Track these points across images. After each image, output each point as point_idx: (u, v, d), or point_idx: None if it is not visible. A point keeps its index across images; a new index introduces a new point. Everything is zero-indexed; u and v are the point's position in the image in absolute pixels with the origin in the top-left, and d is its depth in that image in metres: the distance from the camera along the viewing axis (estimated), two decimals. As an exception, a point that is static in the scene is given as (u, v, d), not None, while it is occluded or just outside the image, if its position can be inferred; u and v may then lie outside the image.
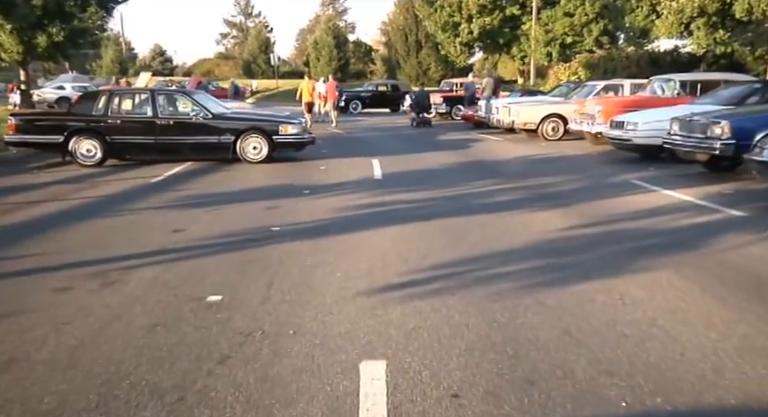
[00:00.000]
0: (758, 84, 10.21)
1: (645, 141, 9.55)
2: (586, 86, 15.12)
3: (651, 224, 5.56)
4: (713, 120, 7.65)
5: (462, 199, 7.26)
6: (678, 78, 12.00)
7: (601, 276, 4.05)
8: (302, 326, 3.39)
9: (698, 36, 17.46)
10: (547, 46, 30.05)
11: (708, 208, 6.05)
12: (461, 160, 11.13)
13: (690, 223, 5.50)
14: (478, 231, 5.60)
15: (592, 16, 28.55)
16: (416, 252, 4.90)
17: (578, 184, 8.08)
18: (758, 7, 16.01)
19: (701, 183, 7.53)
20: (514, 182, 8.33)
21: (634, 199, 6.90)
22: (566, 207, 6.57)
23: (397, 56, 49.89)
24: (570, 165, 10.10)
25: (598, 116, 11.84)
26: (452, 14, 34.04)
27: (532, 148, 12.69)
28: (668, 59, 20.54)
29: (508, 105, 14.85)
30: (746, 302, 3.41)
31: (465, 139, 15.19)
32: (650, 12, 19.27)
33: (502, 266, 4.44)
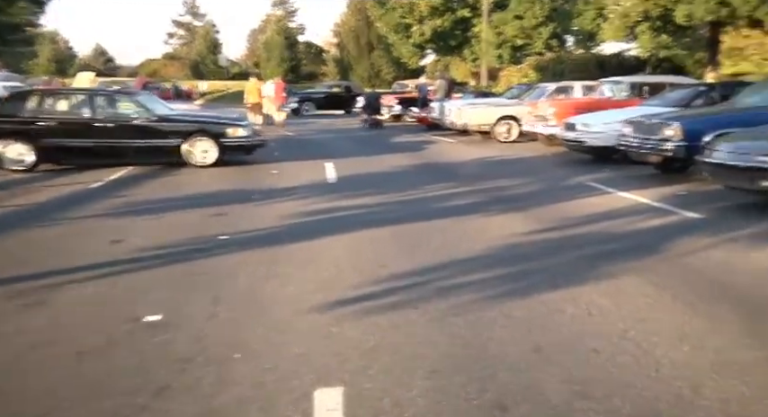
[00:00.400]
0: (702, 86, 10.41)
1: (598, 143, 9.58)
2: (538, 88, 15.22)
3: (610, 227, 5.48)
4: (664, 122, 7.69)
5: (419, 203, 7.06)
6: (627, 81, 12.17)
7: (566, 284, 3.89)
8: (251, 348, 3.10)
9: (642, 40, 17.87)
10: (498, 48, 30.32)
11: (664, 211, 6.03)
12: (416, 162, 10.95)
13: (648, 226, 5.44)
14: (437, 237, 5.40)
15: (541, 19, 28.97)
16: (373, 262, 4.65)
17: (535, 187, 8.01)
18: (697, 13, 16.48)
19: (654, 185, 7.55)
20: (471, 185, 8.19)
21: (591, 201, 6.84)
22: (524, 210, 6.45)
23: (349, 57, 49.62)
24: (525, 167, 10.05)
25: (551, 118, 11.88)
26: (404, 16, 33.98)
27: (487, 150, 12.64)
28: (614, 62, 20.99)
29: (462, 107, 14.78)
30: (715, 310, 3.30)
31: (419, 141, 15.05)
32: (597, 16, 19.65)
33: (464, 275, 4.23)
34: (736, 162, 5.60)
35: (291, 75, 51.74)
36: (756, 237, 4.79)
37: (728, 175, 5.79)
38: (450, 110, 15.31)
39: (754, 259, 4.22)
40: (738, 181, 5.65)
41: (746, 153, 5.53)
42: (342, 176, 9.30)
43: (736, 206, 6.02)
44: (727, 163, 5.72)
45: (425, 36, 34.14)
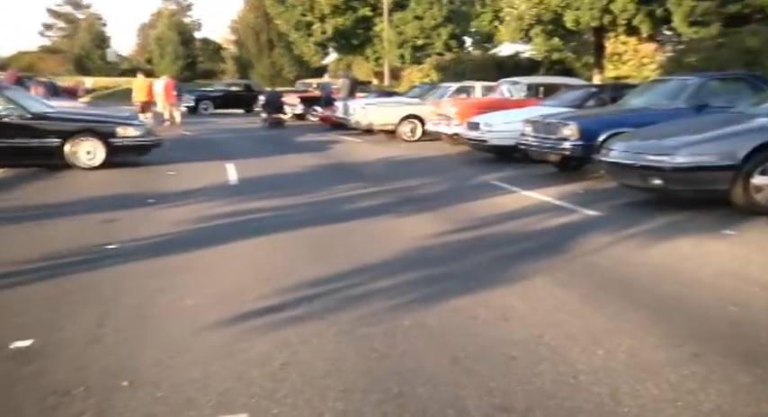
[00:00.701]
0: (594, 88, 10.92)
1: (500, 142, 9.77)
2: (440, 88, 15.41)
3: (518, 226, 5.52)
4: (562, 122, 7.93)
5: (326, 205, 6.83)
6: (524, 81, 12.56)
7: (479, 287, 3.82)
8: (141, 374, 2.75)
9: (536, 42, 18.61)
10: (399, 48, 30.60)
11: (566, 209, 6.18)
12: (322, 162, 10.70)
13: (553, 224, 5.53)
14: (346, 241, 5.20)
15: (440, 20, 29.54)
16: (279, 269, 4.38)
17: (442, 186, 8.01)
18: (584, 19, 17.37)
19: (554, 183, 7.76)
20: (379, 185, 8.06)
21: (497, 200, 6.91)
22: (433, 210, 6.39)
23: (248, 55, 48.29)
24: (431, 167, 10.08)
25: (454, 117, 12.02)
26: (304, 14, 33.48)
27: (392, 150, 12.60)
28: (511, 63, 21.76)
29: (366, 106, 14.69)
30: (623, 310, 3.33)
31: (324, 141, 14.80)
32: (494, 18, 20.28)
33: (374, 281, 4.06)
34: (629, 161, 5.82)
35: (188, 72, 49.61)
36: (652, 234, 4.98)
37: (623, 174, 6.02)
38: (355, 109, 15.17)
39: (651, 255, 4.36)
40: (632, 179, 5.89)
41: (639, 152, 5.76)
42: (244, 178, 8.89)
43: (631, 203, 6.28)
44: (622, 161, 5.94)
45: (327, 34, 33.85)
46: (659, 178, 5.48)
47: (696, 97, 7.59)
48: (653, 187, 5.60)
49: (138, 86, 17.98)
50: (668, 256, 4.29)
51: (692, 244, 4.54)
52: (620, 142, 6.27)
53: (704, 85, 7.72)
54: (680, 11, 16.01)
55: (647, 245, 4.59)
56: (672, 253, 4.34)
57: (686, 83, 7.91)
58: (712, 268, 3.96)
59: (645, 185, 5.69)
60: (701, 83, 7.75)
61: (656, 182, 5.51)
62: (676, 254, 4.32)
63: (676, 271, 3.95)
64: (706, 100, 7.52)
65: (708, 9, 15.94)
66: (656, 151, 5.56)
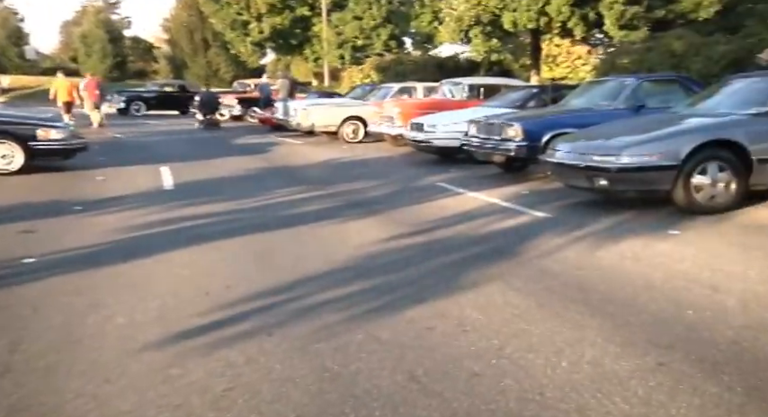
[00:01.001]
0: (535, 88, 11.03)
1: (444, 143, 9.72)
2: (382, 88, 15.29)
3: (467, 230, 5.41)
4: (506, 123, 7.92)
5: (268, 211, 6.54)
6: (466, 82, 12.58)
7: (433, 296, 3.66)
8: (61, 409, 2.44)
9: (475, 43, 18.78)
10: (339, 48, 30.35)
11: (514, 211, 6.13)
12: (262, 165, 10.37)
13: (502, 227, 5.45)
14: (291, 248, 4.95)
15: (379, 20, 29.48)
16: (220, 281, 4.09)
17: (388, 189, 7.84)
18: (521, 20, 17.66)
19: (500, 184, 7.74)
20: (322, 189, 7.82)
21: (444, 202, 6.80)
22: (380, 214, 6.21)
23: (182, 54, 46.81)
24: (375, 168, 9.91)
25: (397, 118, 11.91)
26: (240, 13, 32.68)
27: (335, 151, 12.37)
28: (451, 64, 21.90)
29: (307, 107, 14.39)
30: (581, 317, 3.24)
31: (264, 143, 14.41)
32: (433, 18, 20.34)
33: (323, 291, 3.84)
34: (575, 161, 5.83)
35: (117, 72, 47.63)
36: (600, 235, 4.97)
37: (569, 174, 6.03)
38: (296, 110, 14.85)
39: (602, 258, 4.32)
40: (578, 180, 5.89)
41: (585, 153, 5.77)
42: (180, 182, 8.47)
43: (577, 204, 6.30)
44: (568, 162, 5.94)
45: (264, 34, 33.20)
46: (605, 179, 5.50)
47: (634, 98, 7.74)
48: (599, 188, 5.61)
49: (60, 86, 17.02)
50: (619, 258, 4.27)
51: (640, 246, 4.54)
52: (565, 143, 6.28)
53: (641, 86, 7.88)
54: (611, 14, 16.50)
55: (597, 247, 4.56)
56: (622, 255, 4.32)
57: (624, 83, 8.06)
58: (663, 270, 3.95)
59: (591, 186, 5.70)
60: (638, 84, 7.91)
61: (602, 183, 5.53)
62: (626, 256, 4.30)
63: (628, 274, 3.92)
64: (643, 100, 7.68)
65: (636, 13, 16.51)
66: (601, 152, 5.57)
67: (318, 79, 37.09)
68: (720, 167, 5.34)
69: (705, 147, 5.28)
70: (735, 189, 5.38)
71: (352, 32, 30.05)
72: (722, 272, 3.80)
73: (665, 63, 13.62)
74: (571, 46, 35.45)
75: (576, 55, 35.17)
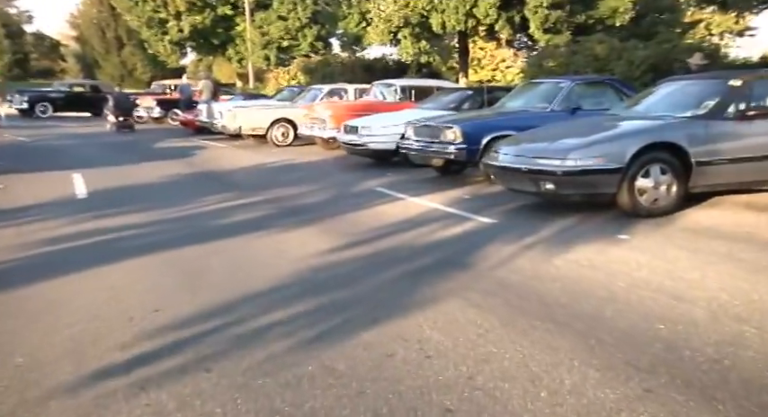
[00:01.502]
0: (470, 90, 10.97)
1: (379, 146, 9.44)
2: (311, 90, 14.85)
3: (414, 238, 5.13)
4: (445, 125, 7.74)
5: (196, 221, 6.03)
6: (398, 84, 12.38)
7: (388, 316, 3.35)
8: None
9: (405, 45, 18.68)
10: (264, 49, 29.53)
11: (459, 216, 5.91)
12: (187, 171, 9.73)
13: (449, 235, 5.21)
14: (224, 263, 4.50)
15: (305, 21, 28.90)
16: (144, 305, 3.62)
17: (324, 195, 7.47)
18: (449, 23, 17.71)
19: (439, 188, 7.54)
20: (254, 196, 7.35)
21: (385, 209, 6.51)
22: (318, 223, 5.84)
23: (93, 53, 44.31)
24: (308, 173, 9.51)
25: (329, 121, 11.54)
26: (157, 10, 31.18)
27: (264, 155, 11.85)
28: (379, 66, 21.72)
29: (234, 109, 13.76)
30: (551, 336, 3.02)
31: (187, 147, 13.66)
32: (361, 19, 20.09)
33: (265, 314, 3.45)
34: (520, 165, 5.68)
35: (18, 70, 44.52)
36: (551, 241, 4.82)
37: (514, 178, 5.87)
38: (221, 112, 14.19)
39: (558, 267, 4.16)
40: (523, 183, 5.75)
41: (530, 156, 5.63)
42: (95, 190, 7.79)
43: (521, 208, 6.16)
44: (512, 166, 5.79)
45: (184, 33, 31.85)
46: (551, 182, 5.37)
47: (569, 100, 7.75)
48: (545, 192, 5.48)
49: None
50: (575, 266, 4.11)
51: (594, 252, 4.41)
52: (508, 146, 6.14)
53: (575, 88, 7.90)
54: (536, 18, 16.83)
55: (551, 255, 4.40)
56: (578, 263, 4.17)
57: (559, 86, 8.06)
58: (622, 279, 3.81)
59: (537, 190, 5.57)
60: (573, 86, 7.93)
61: (549, 187, 5.40)
62: (582, 264, 4.15)
63: (588, 284, 3.75)
64: (578, 102, 7.70)
65: (559, 17, 16.91)
66: (547, 155, 5.44)
67: (243, 80, 36.04)
68: (662, 170, 5.34)
69: (647, 150, 5.26)
70: (675, 191, 5.39)
71: (278, 33, 29.31)
72: (682, 281, 3.70)
73: (589, 66, 13.99)
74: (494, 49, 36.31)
75: (499, 58, 36.01)
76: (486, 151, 7.47)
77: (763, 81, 5.84)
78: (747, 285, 3.56)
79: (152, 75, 39.96)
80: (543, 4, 16.36)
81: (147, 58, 40.28)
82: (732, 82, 5.72)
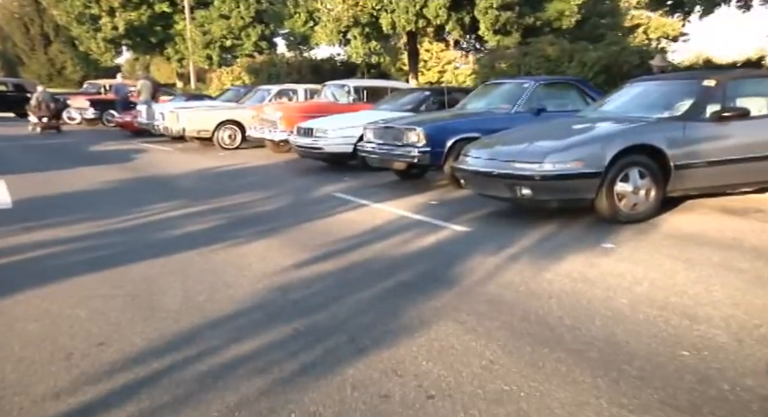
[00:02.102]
0: (428, 91, 10.66)
1: (336, 149, 9.01)
2: (259, 91, 14.23)
3: (386, 250, 4.74)
4: (408, 127, 7.38)
5: (142, 233, 5.45)
6: (351, 84, 11.95)
7: (375, 345, 2.94)
8: None
9: (355, 45, 18.27)
10: (206, 48, 28.46)
11: (430, 225, 5.56)
12: (127, 176, 9.02)
13: (425, 246, 4.84)
14: (178, 284, 3.99)
15: (248, 20, 28.02)
16: (85, 338, 3.09)
17: (281, 201, 6.97)
18: (399, 22, 17.44)
19: (403, 194, 7.17)
20: (205, 203, 6.78)
21: (350, 217, 6.08)
22: (279, 233, 5.36)
23: (16, 50, 41.79)
24: (261, 178, 8.97)
25: (279, 122, 11.01)
26: (89, 5, 29.55)
27: (211, 159, 11.20)
28: (328, 67, 21.25)
29: (178, 110, 13.00)
30: (565, 367, 2.67)
31: (126, 150, 12.84)
32: (308, 18, 19.53)
33: (232, 346, 2.98)
34: (494, 169, 5.37)
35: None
36: (534, 252, 4.52)
37: (487, 183, 5.56)
38: (163, 113, 13.42)
39: (550, 281, 3.85)
40: (498, 189, 5.45)
41: (505, 160, 5.34)
42: (22, 199, 7.05)
43: (493, 215, 5.87)
44: (485, 170, 5.48)
45: (119, 30, 30.37)
46: (528, 187, 5.09)
47: (533, 101, 7.54)
48: (521, 197, 5.20)
49: None
50: (569, 281, 3.81)
51: (583, 264, 4.13)
52: (479, 149, 5.83)
53: (539, 89, 7.70)
54: (486, 19, 16.77)
55: (539, 268, 4.09)
56: (570, 277, 3.87)
57: (522, 86, 7.84)
58: (622, 294, 3.53)
59: (513, 196, 5.27)
60: (536, 86, 7.73)
61: (525, 192, 5.12)
62: (575, 278, 3.86)
63: (588, 301, 3.45)
64: (542, 104, 7.50)
65: (509, 18, 16.91)
66: (524, 158, 5.16)
67: (183, 81, 34.74)
68: (641, 173, 5.15)
69: (626, 153, 5.05)
70: (654, 196, 5.21)
71: (220, 32, 28.31)
72: (687, 296, 3.44)
73: (540, 67, 13.96)
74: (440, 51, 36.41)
75: (445, 60, 36.12)
76: (450, 154, 7.20)
77: (735, 81, 5.75)
78: (759, 300, 3.33)
79: (84, 74, 38.01)
80: (493, 5, 16.31)
81: (78, 57, 38.31)
82: (706, 82, 5.55)
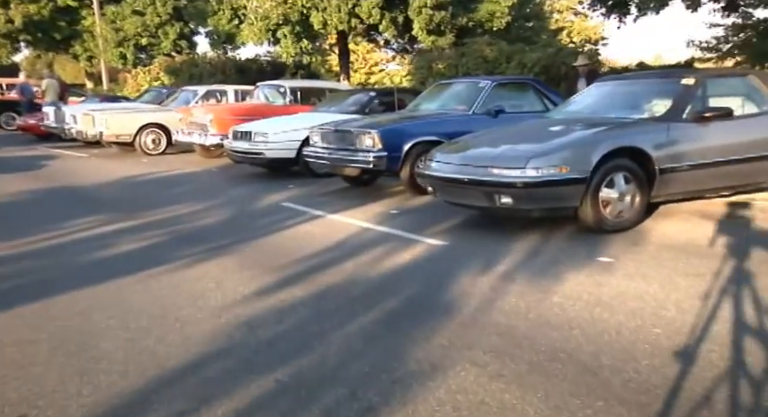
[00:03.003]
0: (373, 92, 10.14)
1: (278, 154, 8.30)
2: (184, 92, 13.20)
3: (360, 271, 4.16)
4: (361, 130, 6.82)
5: (64, 256, 4.60)
6: (287, 85, 11.23)
7: (382, 403, 2.36)
8: None
9: (285, 45, 17.47)
10: (119, 46, 26.60)
11: (399, 238, 5.03)
12: (39, 187, 7.95)
13: (401, 264, 4.30)
14: (115, 322, 3.25)
15: (166, 17, 26.43)
16: (2, 406, 2.34)
17: (224, 214, 6.23)
18: (332, 22, 16.86)
19: (358, 202, 6.61)
20: (135, 217, 5.95)
21: (306, 230, 5.45)
22: (232, 252, 4.67)
23: None
24: (196, 187, 8.15)
25: (211, 126, 10.15)
26: (-23, -6, 26.96)
27: (135, 166, 10.19)
28: (254, 67, 20.28)
29: (92, 112, 11.80)
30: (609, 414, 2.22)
31: (33, 156, 11.56)
32: (233, 16, 18.51)
33: (200, 408, 2.33)
34: (469, 175, 4.92)
35: None
36: (529, 270, 4.08)
37: (460, 191, 5.09)
38: (76, 116, 12.18)
39: (563, 308, 3.40)
40: (474, 197, 4.98)
41: (480, 165, 4.88)
42: None
43: (467, 225, 5.42)
44: (458, 176, 5.01)
45: (15, 24, 27.90)
46: (508, 196, 4.66)
47: (491, 102, 7.17)
48: (501, 207, 4.76)
49: None
50: (583, 306, 3.37)
51: (588, 283, 3.72)
52: (447, 153, 5.36)
53: (496, 89, 7.34)
54: (420, 19, 16.47)
55: (541, 289, 3.65)
56: (582, 300, 3.44)
57: (478, 86, 7.45)
58: (653, 321, 3.12)
59: (490, 204, 4.82)
60: (493, 86, 7.35)
61: (506, 201, 4.68)
62: (589, 301, 3.43)
63: (615, 332, 3.01)
64: (501, 104, 7.15)
65: (443, 18, 16.70)
66: (502, 163, 4.72)
67: (93, 81, 32.48)
68: (626, 178, 4.84)
69: (610, 157, 4.73)
70: (639, 202, 4.92)
71: (134, 29, 26.54)
72: (727, 323, 3.06)
73: (479, 68, 13.78)
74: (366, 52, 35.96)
75: (372, 61, 35.70)
76: (407, 159, 6.72)
77: (713, 80, 5.56)
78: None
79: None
80: (427, 5, 16.02)
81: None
82: (685, 81, 5.33)
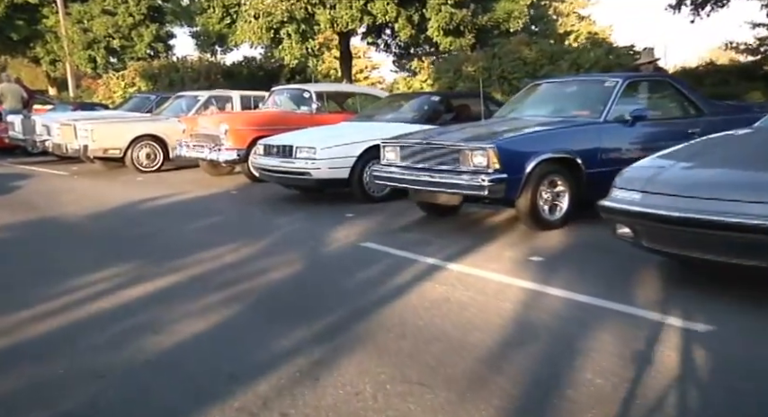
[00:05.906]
0: (434, 95, 8.39)
1: (330, 174, 6.50)
2: (181, 98, 11.19)
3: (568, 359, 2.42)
4: (471, 146, 5.01)
5: (73, 358, 2.71)
6: (313, 89, 9.41)
7: None
8: None
9: (288, 45, 15.58)
10: (88, 49, 24.19)
11: (601, 310, 3.28)
12: (15, 220, 5.99)
13: (672, 375, 2.58)
14: None
15: (140, 18, 24.18)
16: None
17: (296, 265, 4.34)
18: (342, 20, 15.14)
19: (468, 243, 4.85)
20: (170, 270, 4.06)
21: (442, 294, 3.61)
22: (365, 346, 2.85)
23: None
24: (227, 219, 6.28)
25: (225, 138, 8.30)
26: None
27: (132, 187, 8.23)
28: (244, 72, 18.34)
29: (74, 122, 9.77)
30: None
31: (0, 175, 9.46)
32: (224, 14, 16.56)
33: None
34: (710, 216, 3.22)
35: None
36: None
37: (699, 239, 3.35)
38: (50, 127, 10.16)
39: None
40: (721, 250, 3.26)
41: (724, 197, 3.19)
42: None
43: (703, 292, 3.73)
44: (692, 217, 3.31)
45: (-35, 23, 25.26)
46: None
47: (623, 105, 5.50)
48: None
49: None
50: None
51: None
52: (655, 177, 3.65)
53: (627, 89, 5.62)
54: (439, 17, 14.87)
55: None
56: None
57: (603, 85, 5.69)
58: None
59: (757, 262, 3.13)
60: (624, 85, 5.57)
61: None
62: None
63: None
64: (640, 109, 5.48)
65: (464, 17, 15.13)
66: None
67: (55, 86, 29.87)
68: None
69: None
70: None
71: (104, 30, 24.20)
72: None
73: (517, 71, 12.24)
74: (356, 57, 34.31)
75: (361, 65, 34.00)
76: (528, 183, 4.96)
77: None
78: None
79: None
80: (447, 2, 14.41)
81: None
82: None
